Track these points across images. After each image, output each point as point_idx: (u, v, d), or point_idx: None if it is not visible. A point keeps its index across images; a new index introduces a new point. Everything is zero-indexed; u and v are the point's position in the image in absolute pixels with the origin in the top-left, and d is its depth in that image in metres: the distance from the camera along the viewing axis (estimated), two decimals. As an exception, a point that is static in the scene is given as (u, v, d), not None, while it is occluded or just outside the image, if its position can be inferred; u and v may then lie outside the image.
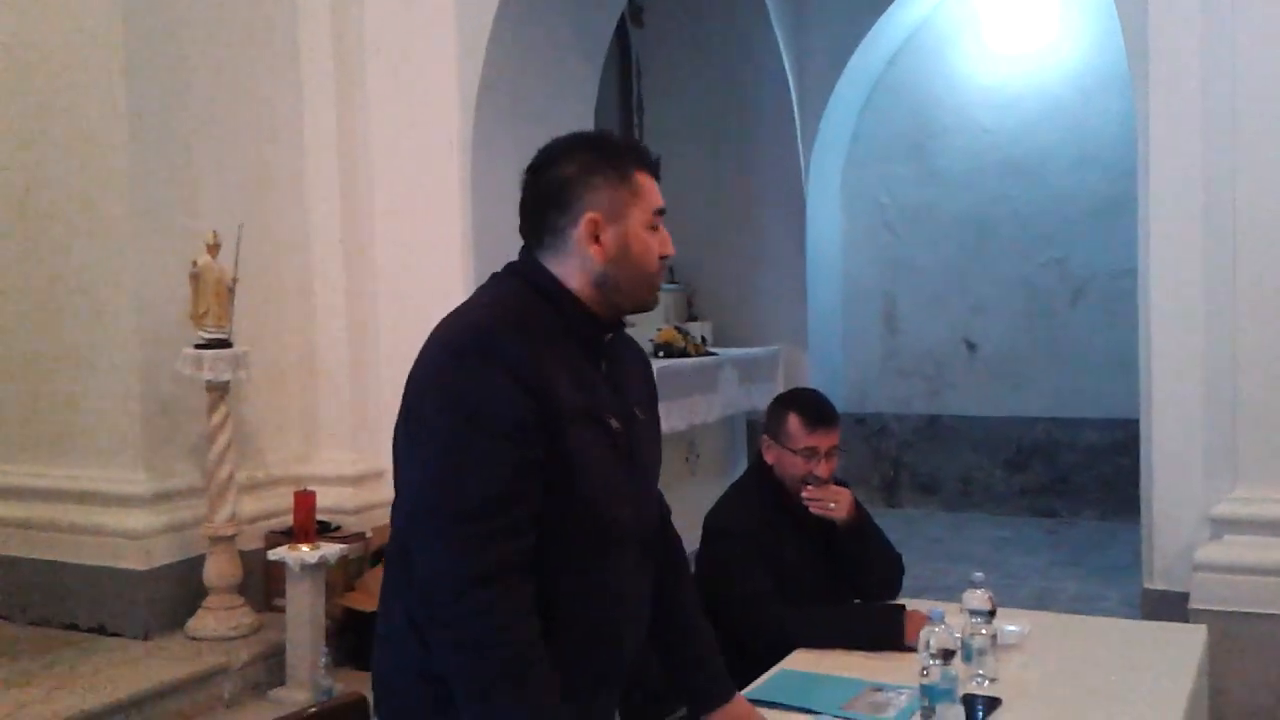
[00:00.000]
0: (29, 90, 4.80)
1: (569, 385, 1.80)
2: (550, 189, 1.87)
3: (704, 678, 2.16)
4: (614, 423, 1.88)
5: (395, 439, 1.88)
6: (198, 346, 4.50)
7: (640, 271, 1.89)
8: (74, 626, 4.63)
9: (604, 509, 1.84)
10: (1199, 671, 2.54)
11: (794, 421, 2.97)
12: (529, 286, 1.88)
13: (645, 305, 1.94)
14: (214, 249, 4.53)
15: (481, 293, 1.93)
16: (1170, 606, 3.90)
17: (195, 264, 4.52)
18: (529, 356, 1.75)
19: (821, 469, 2.95)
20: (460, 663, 1.71)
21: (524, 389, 1.73)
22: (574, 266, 1.86)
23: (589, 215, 1.84)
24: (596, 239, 1.85)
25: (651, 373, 2.11)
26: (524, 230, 1.93)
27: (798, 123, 7.99)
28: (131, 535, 4.58)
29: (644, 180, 1.90)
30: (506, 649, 1.69)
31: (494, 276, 1.96)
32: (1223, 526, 3.96)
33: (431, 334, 1.86)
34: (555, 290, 1.87)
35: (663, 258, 1.91)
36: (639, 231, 1.88)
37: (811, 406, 3.01)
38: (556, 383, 1.77)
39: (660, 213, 1.91)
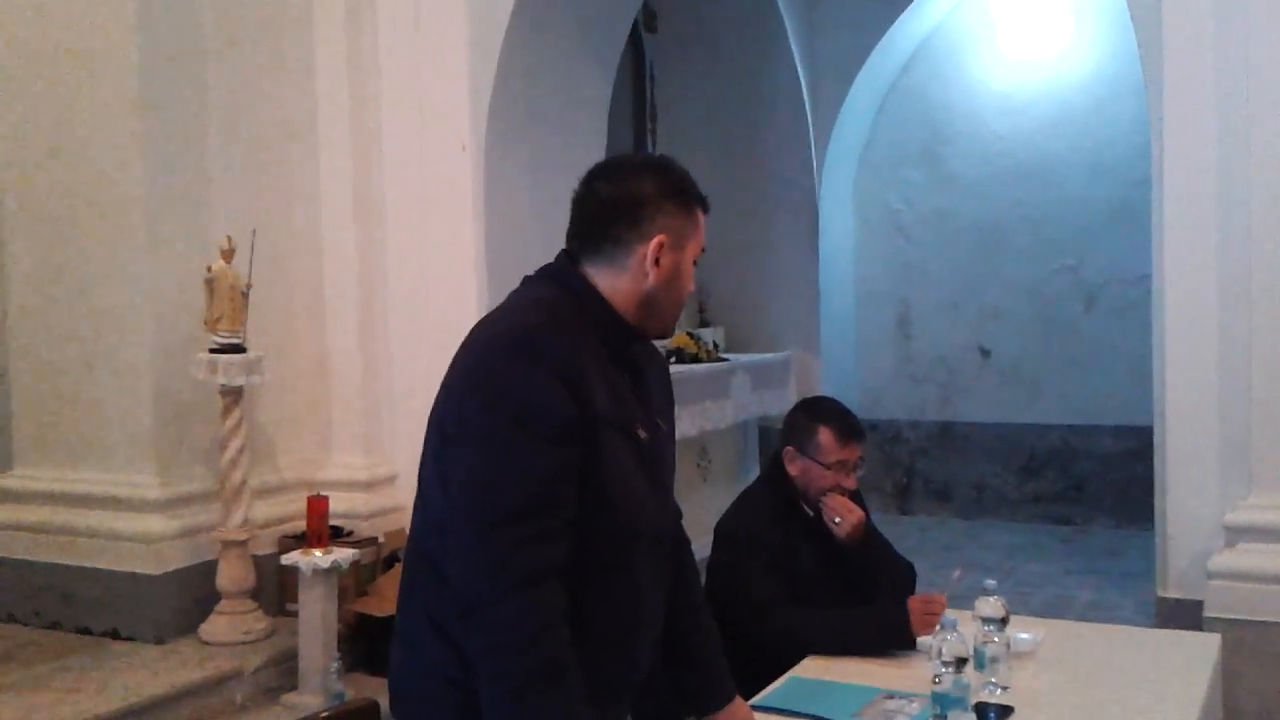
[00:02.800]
0: (46, 100, 4.82)
1: (604, 392, 1.82)
2: (625, 202, 1.89)
3: (707, 678, 2.18)
4: (641, 433, 1.91)
5: (427, 440, 1.87)
6: (212, 351, 4.52)
7: (679, 301, 1.96)
8: (87, 630, 4.65)
9: (629, 516, 1.86)
10: (1212, 680, 2.53)
11: (826, 435, 2.98)
12: (567, 292, 1.89)
13: (666, 333, 2.01)
14: (228, 254, 4.55)
15: (519, 297, 1.94)
16: (1184, 614, 3.88)
17: (210, 269, 4.54)
18: (574, 359, 1.77)
19: (850, 482, 2.98)
20: (496, 665, 1.71)
21: (570, 390, 1.75)
22: (627, 281, 1.90)
23: (660, 237, 1.88)
24: (658, 261, 1.88)
25: (669, 379, 2.14)
26: (578, 235, 1.94)
27: (811, 128, 8.00)
28: (145, 539, 4.59)
29: (701, 219, 1.97)
30: (542, 652, 1.70)
31: (528, 281, 1.98)
32: (1237, 534, 3.93)
33: (471, 335, 1.88)
34: (594, 299, 1.89)
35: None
36: (688, 264, 1.94)
37: (843, 421, 3.03)
38: (595, 388, 1.79)
39: (701, 253, 1.98)
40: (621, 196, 1.90)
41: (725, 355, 7.22)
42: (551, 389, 1.74)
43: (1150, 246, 4.25)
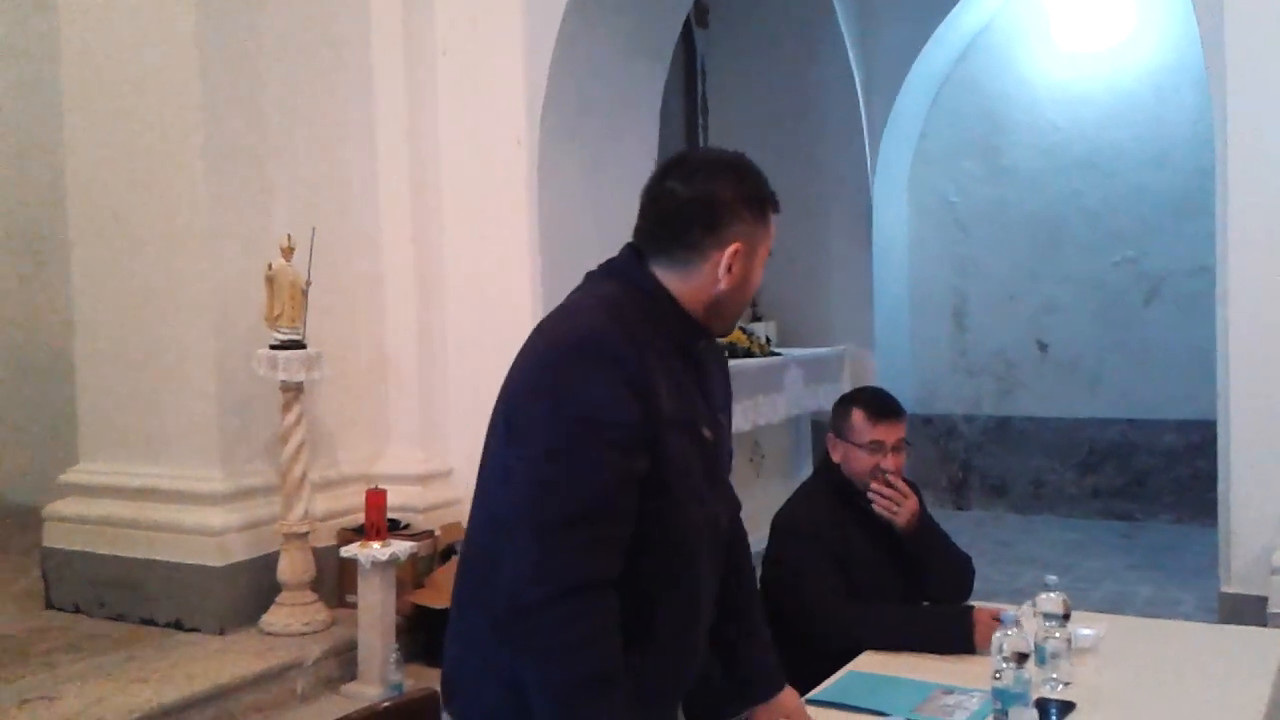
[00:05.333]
0: (109, 104, 4.91)
1: (669, 393, 1.79)
2: (702, 206, 1.83)
3: (757, 671, 2.17)
4: (706, 432, 1.88)
5: (489, 437, 1.84)
6: (272, 348, 4.58)
7: (744, 304, 1.93)
8: (151, 621, 4.73)
9: (691, 516, 1.84)
10: (1277, 677, 2.49)
11: (858, 416, 2.97)
12: (633, 290, 1.85)
13: (728, 332, 1.99)
14: (288, 252, 4.60)
15: (584, 294, 1.90)
16: (1248, 610, 3.82)
17: (270, 267, 4.60)
18: (639, 362, 1.74)
19: (889, 462, 2.94)
20: (541, 674, 1.69)
21: (635, 394, 1.72)
22: (697, 284, 1.85)
23: (736, 245, 1.84)
24: (730, 268, 1.84)
25: (728, 372, 2.11)
26: (648, 233, 1.88)
27: (864, 121, 7.95)
28: (208, 532, 4.66)
29: (773, 223, 1.91)
30: (593, 662, 1.67)
31: (591, 276, 1.94)
32: (1303, 530, 3.88)
33: (535, 332, 1.84)
34: (662, 297, 1.85)
35: None
36: (759, 268, 1.90)
37: (874, 400, 3.02)
38: (659, 390, 1.76)
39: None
40: (699, 199, 1.83)
41: (778, 350, 7.19)
42: (616, 394, 1.71)
43: (1212, 237, 4.19)
